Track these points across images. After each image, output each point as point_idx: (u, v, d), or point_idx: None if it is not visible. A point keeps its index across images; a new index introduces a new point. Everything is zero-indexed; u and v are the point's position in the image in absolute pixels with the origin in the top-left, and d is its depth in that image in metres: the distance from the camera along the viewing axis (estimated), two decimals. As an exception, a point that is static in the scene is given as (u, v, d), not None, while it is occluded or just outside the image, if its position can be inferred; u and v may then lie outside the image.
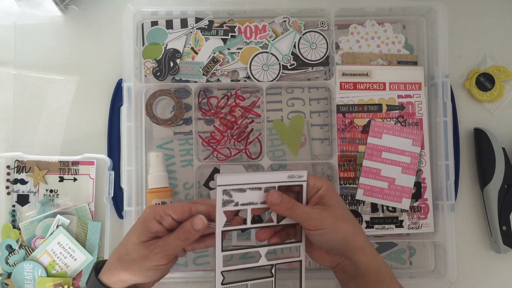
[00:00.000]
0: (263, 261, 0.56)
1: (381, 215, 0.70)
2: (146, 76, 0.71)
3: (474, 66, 0.75)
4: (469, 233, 0.73)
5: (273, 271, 0.58)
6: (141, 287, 0.54)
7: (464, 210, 0.73)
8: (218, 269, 0.53)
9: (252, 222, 0.55)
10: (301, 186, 0.55)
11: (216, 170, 0.70)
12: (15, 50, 0.74)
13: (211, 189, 0.71)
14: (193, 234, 0.52)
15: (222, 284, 0.54)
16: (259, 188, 0.54)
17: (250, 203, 0.54)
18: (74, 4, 0.74)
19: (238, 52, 0.72)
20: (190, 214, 0.53)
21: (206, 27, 0.72)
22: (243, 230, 0.68)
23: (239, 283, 0.56)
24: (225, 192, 0.52)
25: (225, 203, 0.52)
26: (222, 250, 0.53)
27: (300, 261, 0.58)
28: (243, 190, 0.53)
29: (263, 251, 0.56)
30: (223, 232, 0.53)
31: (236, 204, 0.53)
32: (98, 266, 0.55)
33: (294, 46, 0.72)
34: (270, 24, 0.72)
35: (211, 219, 0.54)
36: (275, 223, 0.56)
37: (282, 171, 0.57)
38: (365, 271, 0.53)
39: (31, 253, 0.70)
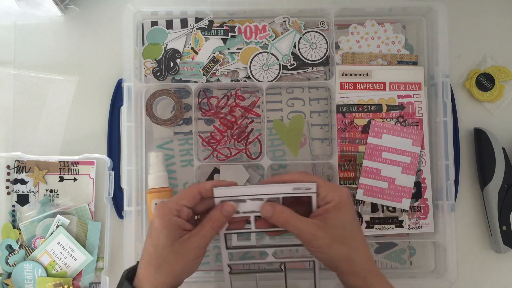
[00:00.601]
0: (271, 259, 0.58)
1: (381, 215, 0.70)
2: (146, 76, 0.71)
3: (474, 66, 0.75)
4: (469, 233, 0.73)
5: (282, 267, 0.58)
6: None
7: (464, 210, 0.73)
8: (225, 262, 0.58)
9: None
10: (310, 197, 0.54)
11: (216, 170, 0.70)
12: (15, 50, 0.74)
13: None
14: (224, 221, 0.54)
15: (230, 273, 0.58)
16: (261, 199, 0.55)
17: (252, 211, 0.55)
18: (74, 4, 0.74)
19: (238, 52, 0.72)
20: (201, 196, 0.54)
21: (206, 27, 0.72)
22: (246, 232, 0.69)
23: (248, 274, 0.60)
24: (223, 202, 0.54)
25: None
26: (227, 248, 0.57)
27: (313, 261, 0.57)
28: (243, 201, 0.55)
29: (269, 251, 0.58)
30: (225, 234, 0.56)
31: (238, 212, 0.55)
32: (129, 276, 0.53)
33: (294, 46, 0.72)
34: (270, 24, 0.72)
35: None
36: (281, 228, 0.55)
37: (288, 184, 0.54)
38: None
39: (31, 253, 0.70)
